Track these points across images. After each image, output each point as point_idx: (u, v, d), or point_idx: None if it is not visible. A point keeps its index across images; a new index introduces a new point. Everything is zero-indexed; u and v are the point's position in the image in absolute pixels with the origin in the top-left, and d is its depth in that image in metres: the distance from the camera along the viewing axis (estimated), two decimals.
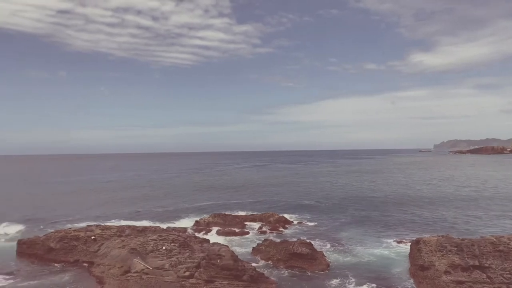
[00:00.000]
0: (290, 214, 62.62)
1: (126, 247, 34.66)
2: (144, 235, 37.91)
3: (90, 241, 38.53)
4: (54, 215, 66.22)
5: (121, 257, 33.51)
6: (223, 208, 69.58)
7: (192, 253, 33.46)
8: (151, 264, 31.49)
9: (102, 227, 41.92)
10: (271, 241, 39.93)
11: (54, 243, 39.18)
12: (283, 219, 56.26)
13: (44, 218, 62.96)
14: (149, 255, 32.73)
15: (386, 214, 63.11)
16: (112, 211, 69.22)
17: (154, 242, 34.68)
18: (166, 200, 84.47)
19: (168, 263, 31.22)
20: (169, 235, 37.83)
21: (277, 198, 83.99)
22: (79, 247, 38.27)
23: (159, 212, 68.14)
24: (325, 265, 35.44)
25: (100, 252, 36.26)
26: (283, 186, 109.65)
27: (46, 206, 76.79)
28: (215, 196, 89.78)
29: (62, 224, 55.86)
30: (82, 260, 37.08)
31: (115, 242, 36.67)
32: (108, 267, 33.33)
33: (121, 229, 41.46)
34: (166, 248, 33.50)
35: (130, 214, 66.45)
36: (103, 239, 38.64)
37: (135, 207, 74.58)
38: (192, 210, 69.38)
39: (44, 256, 39.10)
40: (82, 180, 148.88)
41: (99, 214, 66.29)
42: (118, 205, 77.88)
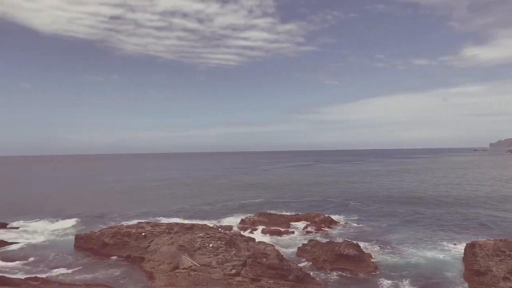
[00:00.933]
0: (336, 214, 61.66)
1: (174, 244, 35.71)
2: (192, 233, 38.88)
3: (141, 238, 40.05)
4: (108, 211, 69.57)
5: (170, 254, 34.56)
6: (268, 207, 69.79)
7: (238, 251, 33.90)
8: (199, 261, 32.23)
9: (152, 224, 43.47)
10: (316, 242, 39.55)
11: (108, 238, 41.17)
12: (328, 220, 55.53)
13: (99, 215, 66.35)
14: (196, 252, 33.53)
15: (437, 215, 60.51)
16: (161, 209, 71.55)
17: (201, 239, 35.48)
18: (212, 198, 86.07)
19: (215, 260, 31.82)
20: (216, 233, 38.57)
21: (322, 198, 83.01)
22: (130, 243, 39.92)
23: (205, 210, 69.58)
24: (372, 267, 34.60)
25: (150, 248, 37.62)
26: (328, 186, 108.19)
27: (101, 203, 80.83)
28: (259, 195, 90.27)
29: (115, 221, 58.52)
30: (133, 256, 38.62)
31: (164, 239, 37.89)
32: (158, 263, 34.51)
33: (170, 226, 42.77)
34: (213, 246, 34.17)
35: (178, 211, 68.39)
36: (153, 235, 40.04)
37: (182, 205, 76.64)
38: (237, 209, 70.23)
39: (99, 250, 41.19)
40: (133, 178, 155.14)
41: (149, 211, 68.79)
42: (166, 203, 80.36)
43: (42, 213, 66.43)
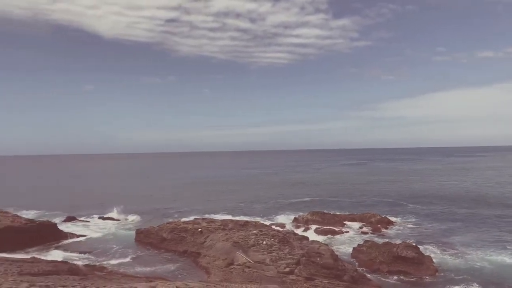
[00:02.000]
0: (392, 215, 59.60)
1: (229, 241, 36.39)
2: (246, 230, 39.42)
3: (197, 233, 41.25)
4: (165, 207, 72.43)
5: (225, 250, 35.28)
6: (321, 206, 69.00)
7: (291, 250, 33.89)
8: (253, 258, 32.61)
9: (208, 221, 44.60)
10: (373, 242, 38.48)
11: (166, 233, 42.86)
12: (385, 220, 53.84)
13: (156, 210, 69.29)
14: (250, 249, 33.95)
15: (504, 217, 56.57)
16: (215, 206, 73.19)
17: (255, 236, 35.87)
18: (265, 196, 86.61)
19: (268, 258, 32.03)
20: (269, 231, 38.83)
21: (377, 198, 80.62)
22: (187, 238, 41.25)
23: (258, 208, 70.19)
24: (433, 270, 33.08)
25: (206, 244, 38.64)
26: (383, 186, 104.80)
27: (158, 200, 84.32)
28: (312, 194, 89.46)
29: (172, 216, 60.70)
30: (190, 251, 39.86)
31: (219, 235, 38.74)
32: (213, 258, 35.36)
33: (225, 223, 43.64)
34: (266, 243, 34.42)
35: (231, 209, 69.57)
36: (209, 231, 41.08)
37: (236, 202, 77.87)
38: (289, 207, 70.12)
39: (157, 245, 43.00)
40: (188, 176, 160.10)
41: (203, 208, 70.62)
42: (221, 200, 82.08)
43: (106, 208, 70.39)
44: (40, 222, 47.39)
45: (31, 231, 44.60)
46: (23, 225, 44.41)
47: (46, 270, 29.05)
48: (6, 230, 42.57)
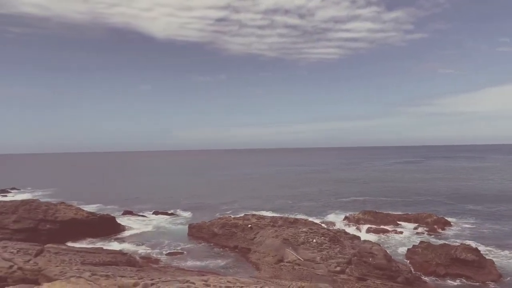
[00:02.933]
0: (450, 215, 56.70)
1: (279, 237, 36.47)
2: (295, 227, 39.28)
3: (247, 229, 41.74)
4: (216, 203, 73.95)
5: (275, 247, 35.40)
6: (373, 205, 67.19)
7: (342, 249, 33.34)
8: (303, 255, 32.46)
9: (258, 217, 44.97)
10: (429, 244, 36.88)
11: (217, 228, 43.77)
12: (442, 221, 51.38)
13: (208, 206, 70.92)
14: (300, 247, 33.81)
15: None
16: (265, 202, 73.63)
17: (305, 234, 35.66)
18: (315, 194, 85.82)
19: (319, 256, 31.74)
20: (319, 229, 38.44)
21: (433, 198, 77.11)
22: (238, 234, 41.86)
23: (307, 206, 69.67)
24: (495, 275, 31.12)
25: (256, 240, 38.99)
26: (439, 185, 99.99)
27: (210, 195, 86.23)
28: (363, 192, 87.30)
29: (222, 212, 61.85)
30: (240, 246, 40.42)
31: (269, 231, 38.94)
32: (263, 254, 35.61)
33: (274, 220, 43.79)
34: (316, 241, 34.10)
35: (281, 206, 69.62)
36: (258, 228, 41.42)
37: (285, 199, 77.84)
38: (340, 206, 68.93)
39: (209, 239, 44.03)
40: (237, 173, 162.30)
41: (253, 204, 71.27)
42: (270, 197, 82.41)
43: (159, 203, 73.31)
44: (101, 215, 50.18)
45: (93, 223, 47.36)
46: (85, 217, 47.25)
47: (106, 261, 30.73)
48: (70, 222, 45.56)
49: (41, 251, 30.47)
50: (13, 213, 44.27)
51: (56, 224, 44.90)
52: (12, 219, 43.83)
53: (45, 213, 45.19)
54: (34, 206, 45.78)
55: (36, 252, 29.86)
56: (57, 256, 29.36)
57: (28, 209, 45.01)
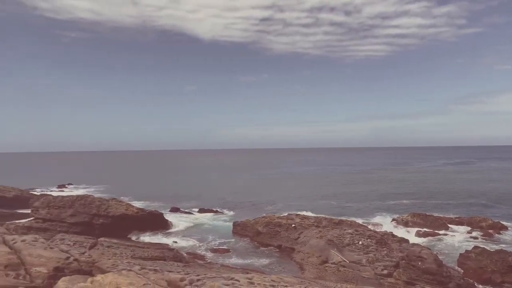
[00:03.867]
0: (507, 220, 53.35)
1: (323, 238, 36.06)
2: (340, 228, 38.66)
3: (291, 229, 41.63)
4: (260, 202, 74.40)
5: (319, 247, 35.04)
6: (422, 207, 64.73)
7: (390, 252, 32.40)
8: (348, 257, 31.89)
9: (301, 217, 44.72)
10: (483, 249, 34.95)
11: (261, 227, 44.00)
12: (498, 225, 48.52)
13: (252, 204, 71.53)
14: (345, 248, 33.23)
15: None
16: (309, 202, 73.02)
17: (350, 236, 35.01)
18: (360, 195, 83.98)
19: (365, 258, 31.05)
20: (365, 231, 37.58)
21: (487, 201, 72.88)
22: (281, 233, 41.86)
23: (352, 207, 68.33)
24: None
25: (300, 240, 38.78)
26: (495, 187, 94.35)
27: (254, 194, 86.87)
28: (412, 194, 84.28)
29: (266, 211, 62.05)
30: (284, 246, 40.41)
31: (313, 232, 38.60)
32: (307, 255, 35.35)
33: (318, 220, 43.35)
34: (362, 243, 33.38)
35: (325, 206, 68.79)
36: (302, 228, 41.18)
37: (330, 199, 76.83)
38: (387, 207, 67.01)
39: (253, 238, 44.36)
40: (281, 172, 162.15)
41: (297, 204, 70.90)
42: (314, 196, 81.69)
43: (205, 201, 74.82)
44: (149, 211, 52.02)
45: (142, 219, 49.20)
46: (135, 213, 49.17)
47: (154, 255, 31.85)
48: (121, 217, 47.60)
49: (94, 244, 32.10)
50: (70, 208, 46.93)
51: (108, 218, 47.08)
52: (69, 213, 46.49)
53: (98, 208, 47.52)
54: (89, 201, 48.26)
55: (90, 245, 31.51)
56: (109, 249, 30.83)
57: (83, 204, 47.53)
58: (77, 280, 18.92)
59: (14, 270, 23.20)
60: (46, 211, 46.52)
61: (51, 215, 46.24)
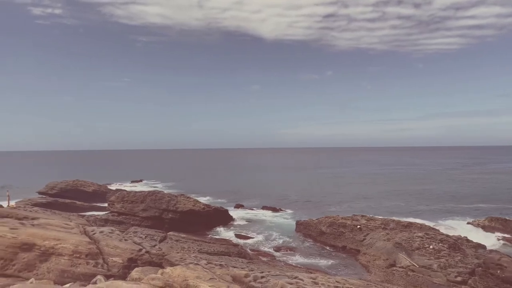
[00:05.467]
0: None
1: (391, 241, 34.72)
2: (409, 231, 37.00)
3: (356, 230, 40.55)
4: (323, 201, 73.42)
5: (386, 250, 33.80)
6: (500, 211, 59.78)
7: (464, 258, 30.38)
8: (417, 261, 30.40)
9: (367, 218, 43.40)
10: None
11: (325, 227, 43.38)
12: None
13: (314, 203, 70.79)
14: (415, 252, 31.72)
15: None
16: (375, 203, 70.67)
17: (420, 239, 33.36)
18: (432, 196, 79.56)
19: (436, 263, 29.39)
20: (437, 234, 35.61)
21: None
22: (346, 234, 40.93)
23: (423, 209, 64.91)
24: None
25: (366, 242, 37.67)
26: None
27: (317, 193, 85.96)
28: (488, 196, 78.10)
29: (329, 211, 61.05)
30: (349, 247, 39.48)
31: (380, 234, 37.31)
32: (374, 257, 34.27)
33: (386, 222, 41.77)
34: (433, 248, 31.64)
35: (393, 207, 66.16)
36: (368, 229, 39.94)
37: (397, 201, 73.69)
38: (461, 210, 62.76)
39: (316, 237, 43.87)
40: (347, 171, 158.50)
41: (362, 204, 68.99)
42: (380, 197, 78.84)
43: (267, 198, 75.38)
44: (215, 207, 53.55)
45: (208, 215, 50.83)
46: (201, 209, 50.91)
47: (219, 251, 32.74)
48: (189, 213, 49.54)
49: (164, 238, 33.74)
50: (142, 202, 49.77)
51: (177, 214, 49.22)
52: (141, 207, 49.34)
53: (168, 203, 49.87)
54: (159, 196, 50.83)
55: (160, 238, 33.17)
56: (177, 243, 32.21)
57: (154, 199, 50.15)
58: (149, 271, 20.04)
59: (93, 259, 25.13)
60: (121, 205, 49.80)
61: (125, 209, 49.41)
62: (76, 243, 25.61)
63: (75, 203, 63.45)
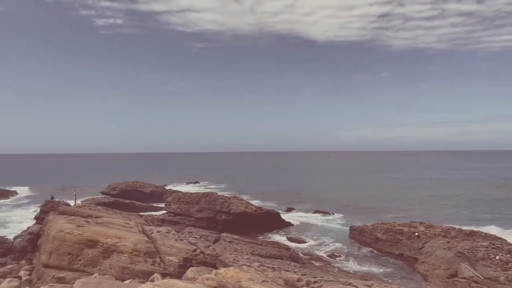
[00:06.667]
0: None
1: (452, 250, 32.88)
2: (473, 240, 34.80)
3: (414, 237, 38.83)
4: (378, 207, 71.09)
5: (447, 259, 32.04)
6: None
7: None
8: (482, 273, 28.49)
9: (426, 225, 41.42)
10: None
11: (380, 233, 41.99)
12: None
13: (369, 209, 68.71)
14: (479, 263, 29.76)
15: None
16: (435, 210, 67.29)
17: (485, 249, 31.25)
18: (498, 203, 74.30)
19: (503, 276, 27.37)
20: (504, 245, 33.17)
21: None
22: (403, 241, 39.32)
23: (488, 217, 60.75)
24: None
25: (424, 250, 35.97)
26: None
27: (372, 198, 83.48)
28: None
29: (385, 217, 58.96)
30: (406, 255, 37.89)
31: (439, 242, 35.45)
32: (433, 266, 32.64)
33: (446, 230, 39.60)
34: (500, 259, 29.50)
35: (454, 215, 62.63)
36: (427, 237, 38.10)
37: (460, 208, 69.64)
38: None
39: (371, 244, 42.57)
40: (406, 176, 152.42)
41: (419, 211, 65.94)
42: (441, 204, 74.94)
43: (318, 202, 74.38)
44: (267, 210, 53.75)
45: (260, 217, 51.14)
46: (254, 211, 51.35)
47: (271, 254, 32.81)
48: (241, 215, 50.16)
49: (218, 239, 34.43)
50: (197, 204, 51.15)
51: (230, 215, 50.02)
52: (196, 208, 50.71)
53: (221, 205, 50.84)
54: (213, 198, 51.95)
55: (214, 239, 33.88)
56: (230, 245, 32.73)
57: (208, 201, 51.34)
58: (203, 271, 20.55)
59: (151, 257, 26.23)
60: (177, 206, 51.51)
61: (181, 209, 51.04)
62: (135, 241, 26.88)
63: (134, 203, 66.62)
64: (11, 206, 73.17)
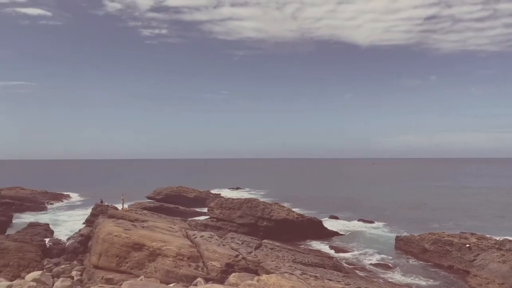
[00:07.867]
0: None
1: (507, 263, 30.98)
2: None
3: (465, 249, 36.92)
4: (425, 216, 68.38)
5: (502, 273, 30.19)
6: None
7: None
8: None
9: (478, 237, 39.27)
10: None
11: (428, 244, 40.28)
12: None
13: (416, 218, 66.16)
14: None
15: None
16: (487, 220, 63.72)
17: None
18: None
19: None
20: None
21: None
22: (453, 253, 37.49)
23: None
24: None
25: (476, 263, 34.09)
26: None
27: (418, 207, 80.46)
28: None
29: (432, 227, 56.55)
30: (456, 267, 36.10)
31: (494, 255, 33.49)
32: (486, 280, 30.86)
33: (501, 242, 37.33)
34: None
35: (508, 226, 58.90)
36: (479, 249, 36.10)
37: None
38: None
39: (418, 255, 40.93)
40: (454, 184, 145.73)
41: (471, 221, 62.65)
42: (494, 214, 70.83)
43: (364, 211, 72.58)
44: (309, 218, 53.14)
45: (302, 225, 50.68)
46: (295, 218, 50.98)
47: (314, 262, 32.35)
48: (282, 222, 49.96)
49: (259, 245, 34.43)
50: (238, 209, 51.55)
51: (271, 222, 49.96)
52: (237, 214, 51.11)
53: (262, 211, 50.92)
54: (254, 204, 52.15)
55: (255, 245, 33.91)
56: (272, 252, 32.63)
57: (250, 207, 51.60)
58: (245, 278, 20.63)
59: (194, 261, 26.67)
60: (219, 211, 52.17)
61: (223, 215, 51.64)
62: (180, 245, 27.46)
63: (178, 208, 68.24)
64: (65, 208, 77.49)
